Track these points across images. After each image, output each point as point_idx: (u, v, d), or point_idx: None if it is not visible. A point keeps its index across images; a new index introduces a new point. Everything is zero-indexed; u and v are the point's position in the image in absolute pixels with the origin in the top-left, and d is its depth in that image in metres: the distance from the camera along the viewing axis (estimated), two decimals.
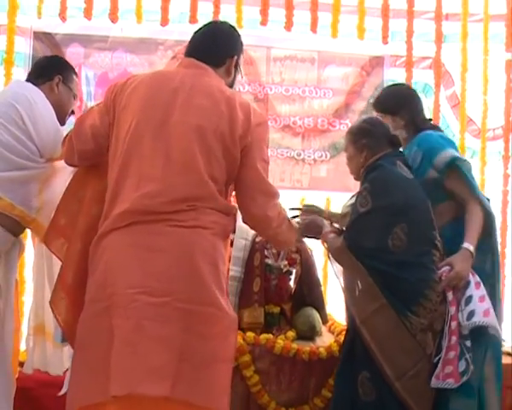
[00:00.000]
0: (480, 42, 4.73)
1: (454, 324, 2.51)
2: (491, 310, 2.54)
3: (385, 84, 4.79)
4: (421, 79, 4.83)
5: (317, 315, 3.37)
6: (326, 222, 2.92)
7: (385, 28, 4.66)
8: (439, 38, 4.71)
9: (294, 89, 4.76)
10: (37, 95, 2.55)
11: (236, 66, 2.33)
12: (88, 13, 4.40)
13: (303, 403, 3.13)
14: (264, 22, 4.54)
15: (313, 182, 4.73)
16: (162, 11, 4.43)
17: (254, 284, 3.32)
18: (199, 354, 1.97)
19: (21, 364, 3.14)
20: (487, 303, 2.54)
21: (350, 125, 4.64)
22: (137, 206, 2.01)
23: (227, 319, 2.07)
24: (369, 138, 2.73)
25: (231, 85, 2.31)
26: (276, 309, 3.38)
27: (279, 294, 3.40)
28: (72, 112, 2.82)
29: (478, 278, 2.60)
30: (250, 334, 3.18)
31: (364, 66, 4.81)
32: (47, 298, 2.48)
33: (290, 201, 3.48)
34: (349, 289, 2.67)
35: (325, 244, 2.85)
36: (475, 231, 2.65)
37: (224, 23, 2.44)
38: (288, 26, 4.56)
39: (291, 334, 3.28)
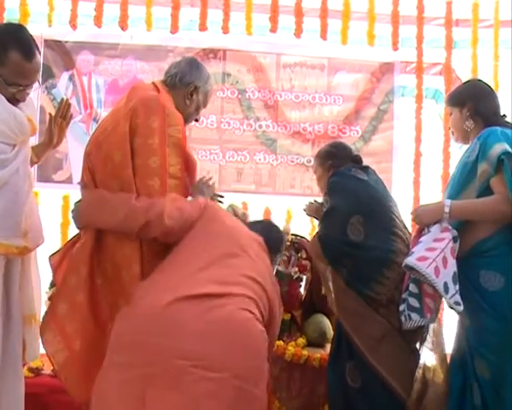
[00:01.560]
0: (490, 48, 4.71)
1: None
2: (434, 263, 2.46)
3: (395, 91, 4.79)
4: (432, 85, 4.82)
5: (327, 322, 3.36)
6: None
7: (395, 34, 4.66)
8: (450, 44, 4.71)
9: (304, 95, 4.75)
10: None
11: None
12: (98, 21, 4.43)
13: None
14: (273, 29, 4.55)
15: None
16: (172, 18, 4.46)
17: None
18: None
19: (31, 369, 3.15)
20: (433, 254, 2.48)
21: (360, 131, 4.69)
22: (193, 285, 2.04)
23: (263, 399, 2.06)
24: (334, 159, 3.03)
25: None
26: (287, 316, 3.37)
27: (289, 301, 3.39)
28: (18, 100, 2.34)
29: (445, 235, 2.53)
30: None
31: (374, 72, 4.80)
32: None
33: (300, 207, 3.46)
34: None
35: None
36: (474, 207, 2.55)
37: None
38: (298, 32, 4.56)
39: (301, 341, 3.27)
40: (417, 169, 4.63)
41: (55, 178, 4.45)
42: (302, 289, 3.50)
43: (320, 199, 3.15)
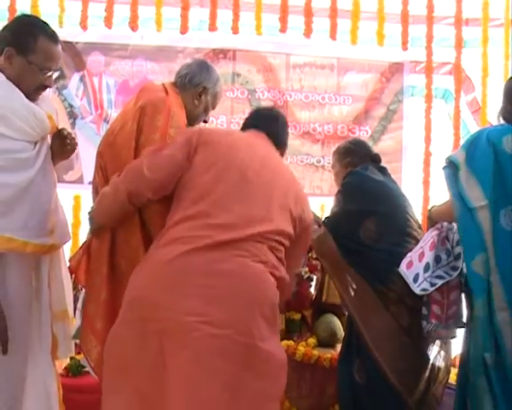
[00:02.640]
0: (501, 47, 4.69)
1: None
2: (408, 258, 2.62)
3: (404, 91, 4.78)
4: (442, 85, 4.81)
5: (337, 322, 3.36)
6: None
7: (404, 34, 4.65)
8: (459, 44, 4.69)
9: (314, 95, 4.76)
10: None
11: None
12: (108, 21, 4.45)
13: None
14: (283, 29, 4.55)
15: (333, 188, 4.66)
16: (182, 19, 4.47)
17: None
18: (252, 391, 1.94)
19: None
20: (421, 262, 2.60)
21: (370, 131, 4.68)
22: (205, 232, 2.02)
23: (279, 357, 2.04)
24: (352, 156, 3.03)
25: None
26: (297, 316, 3.38)
27: (300, 300, 3.40)
28: (47, 86, 2.34)
29: (432, 234, 2.65)
30: None
31: (384, 72, 4.80)
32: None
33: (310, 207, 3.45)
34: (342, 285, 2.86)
35: None
36: (442, 211, 2.65)
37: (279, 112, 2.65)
38: (308, 32, 4.57)
39: (312, 341, 3.27)
40: (427, 169, 4.62)
41: (66, 178, 4.47)
42: (312, 289, 3.50)
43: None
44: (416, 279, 2.57)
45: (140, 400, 1.96)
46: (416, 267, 2.59)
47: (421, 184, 4.60)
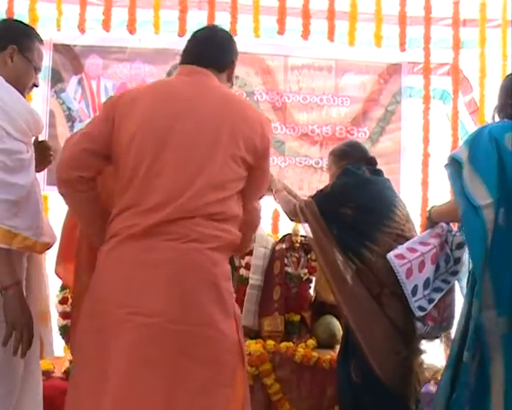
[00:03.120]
0: (498, 47, 4.70)
1: None
2: (408, 264, 2.56)
3: (402, 92, 4.79)
4: (439, 86, 4.82)
5: (337, 323, 3.36)
6: (277, 181, 3.21)
7: (402, 35, 4.66)
8: (457, 45, 4.71)
9: (312, 97, 4.76)
10: None
11: (233, 72, 2.24)
12: (106, 24, 4.45)
13: None
14: (281, 31, 4.56)
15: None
16: (180, 22, 4.48)
17: (274, 293, 3.32)
18: (195, 379, 1.82)
19: (42, 372, 3.16)
20: (412, 255, 2.57)
21: (368, 132, 4.69)
22: (134, 221, 1.91)
23: (226, 341, 1.89)
24: (348, 159, 3.01)
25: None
26: (297, 317, 3.38)
27: (299, 302, 3.40)
28: (34, 85, 2.41)
29: (432, 241, 2.63)
30: (270, 342, 3.19)
31: (382, 73, 4.80)
32: None
33: None
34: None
35: (277, 200, 3.15)
36: (444, 210, 2.63)
37: (222, 28, 2.36)
38: (305, 34, 4.58)
39: (311, 342, 3.28)
40: (425, 170, 4.63)
41: None
42: (312, 291, 3.51)
43: None
44: (414, 292, 2.53)
45: (90, 394, 1.89)
46: (416, 278, 2.55)
47: (420, 184, 4.60)
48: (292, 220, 3.09)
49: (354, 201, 2.83)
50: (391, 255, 2.60)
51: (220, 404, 1.87)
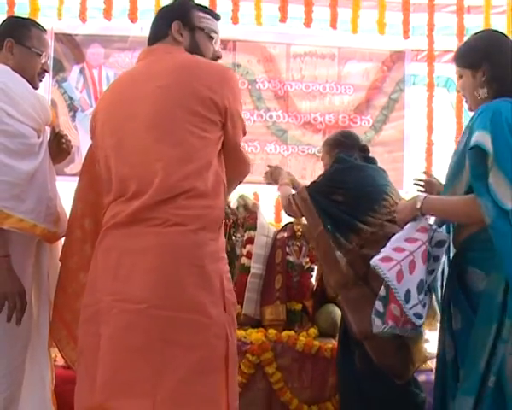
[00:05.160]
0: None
1: None
2: (397, 266, 2.19)
3: (406, 80, 4.76)
4: (444, 74, 4.78)
5: (338, 312, 3.33)
6: (286, 175, 3.23)
7: (405, 22, 4.62)
8: (461, 32, 4.66)
9: (315, 85, 4.74)
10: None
11: (191, 28, 2.11)
12: (107, 13, 4.44)
13: (325, 400, 3.12)
14: (283, 19, 4.53)
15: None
16: None
17: (276, 282, 3.31)
18: (183, 364, 1.80)
19: None
20: (399, 256, 2.22)
21: (371, 121, 4.67)
22: (119, 208, 1.92)
23: (214, 326, 1.85)
24: (341, 148, 3.03)
25: (198, 49, 2.10)
26: (298, 306, 3.37)
27: (301, 291, 3.39)
28: (45, 70, 2.50)
29: (420, 236, 2.24)
30: (272, 331, 3.17)
31: (385, 61, 4.78)
32: None
33: None
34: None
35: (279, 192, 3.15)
36: (445, 206, 2.23)
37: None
38: (308, 22, 4.54)
39: (313, 331, 3.27)
40: (429, 158, 4.60)
41: (67, 171, 4.46)
42: (313, 279, 3.50)
43: None
44: (407, 299, 2.19)
45: (87, 383, 1.91)
46: (408, 281, 2.20)
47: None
48: (288, 215, 3.08)
49: (344, 185, 2.83)
50: (376, 261, 2.27)
51: (212, 390, 1.85)
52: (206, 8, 2.20)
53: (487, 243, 2.03)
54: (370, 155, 3.12)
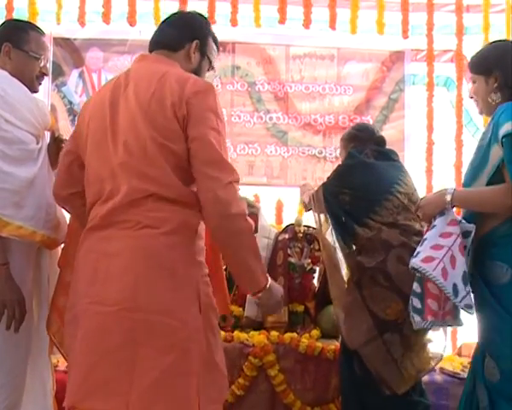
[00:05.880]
0: (503, 33, 4.63)
1: None
2: (441, 264, 2.21)
3: (406, 79, 4.75)
4: (443, 73, 4.77)
5: None
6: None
7: (405, 22, 4.61)
8: (461, 31, 4.65)
9: (314, 86, 4.73)
10: None
11: (203, 53, 2.13)
12: (106, 17, 4.43)
13: (328, 402, 3.12)
14: (282, 20, 4.52)
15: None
16: None
17: (278, 283, 3.29)
18: (156, 367, 1.79)
19: None
20: (439, 253, 2.23)
21: (371, 121, 4.67)
22: (95, 211, 1.96)
23: (186, 329, 1.83)
24: (356, 142, 3.05)
25: (197, 73, 2.08)
26: (300, 308, 3.37)
27: (303, 292, 3.39)
28: (44, 74, 2.49)
29: (453, 229, 2.27)
30: (274, 333, 3.17)
31: (385, 61, 4.77)
32: None
33: None
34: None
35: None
36: (478, 197, 2.28)
37: (189, 11, 2.33)
38: (307, 23, 4.53)
39: (315, 332, 3.26)
40: (430, 158, 4.59)
41: None
42: (315, 281, 3.49)
43: None
44: (456, 293, 2.20)
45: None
46: (453, 276, 2.21)
47: (424, 173, 4.57)
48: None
49: (350, 184, 2.85)
50: (418, 263, 2.26)
51: (185, 393, 1.83)
52: (216, 39, 2.21)
53: (509, 236, 2.19)
54: None
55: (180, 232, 1.87)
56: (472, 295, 2.22)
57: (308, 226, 3.52)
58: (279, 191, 4.57)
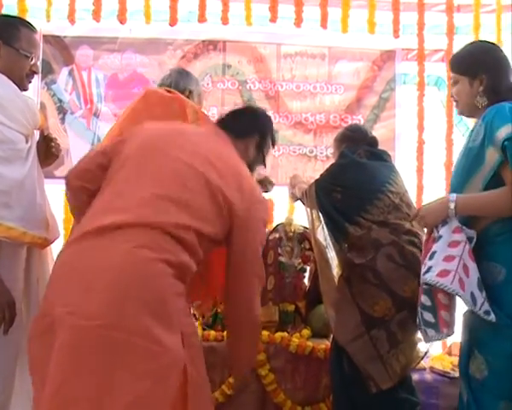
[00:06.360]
0: (493, 33, 4.65)
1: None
2: (457, 275, 2.16)
3: (397, 79, 4.76)
4: (434, 72, 4.77)
5: None
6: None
7: (396, 22, 4.61)
8: (451, 30, 4.66)
9: (305, 85, 4.72)
10: None
11: (260, 150, 2.33)
12: (96, 15, 4.40)
13: (319, 401, 3.12)
14: (273, 19, 4.51)
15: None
16: (171, 11, 4.42)
17: (268, 283, 3.30)
18: (130, 392, 1.71)
19: None
20: (453, 265, 2.17)
21: (362, 120, 4.66)
22: (93, 221, 1.90)
23: (168, 356, 1.77)
24: (349, 142, 3.06)
25: (250, 167, 2.26)
26: (291, 307, 3.36)
27: (293, 292, 3.38)
28: (34, 72, 2.46)
29: (459, 237, 2.22)
30: (265, 332, 3.17)
31: (376, 60, 4.76)
32: None
33: None
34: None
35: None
36: (483, 202, 2.21)
37: (258, 107, 2.61)
38: (298, 22, 4.53)
39: (306, 332, 3.26)
40: (420, 157, 4.60)
41: (57, 173, 4.40)
42: (306, 280, 3.49)
43: None
44: (474, 301, 2.15)
45: (36, 402, 1.86)
46: (469, 285, 2.16)
47: (415, 172, 4.58)
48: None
49: (342, 183, 2.86)
50: (434, 278, 2.18)
51: None
52: (274, 137, 2.45)
53: (501, 235, 2.19)
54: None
55: (178, 267, 1.87)
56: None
57: (304, 227, 3.49)
58: None
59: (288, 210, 4.08)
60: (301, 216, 3.43)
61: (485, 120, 2.24)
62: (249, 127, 2.30)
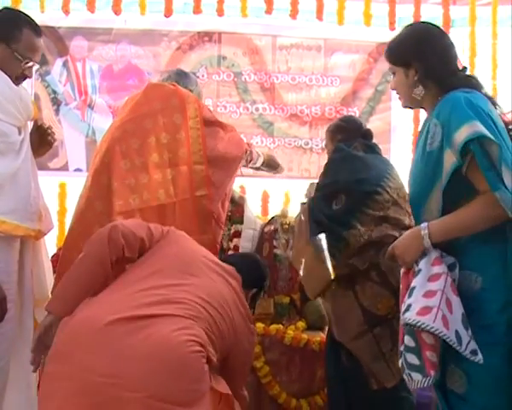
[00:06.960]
0: (489, 26, 4.65)
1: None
2: (439, 312, 1.92)
3: None
4: None
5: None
6: None
7: (392, 14, 4.60)
8: (447, 23, 4.64)
9: (301, 77, 4.71)
10: None
11: (254, 301, 2.52)
12: (91, 5, 4.37)
13: (314, 394, 3.13)
14: (269, 10, 4.49)
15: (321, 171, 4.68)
16: (166, 2, 4.39)
17: None
18: None
19: None
20: (434, 301, 1.94)
21: (358, 112, 4.66)
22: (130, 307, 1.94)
23: None
24: (343, 134, 3.01)
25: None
26: (286, 299, 3.36)
27: (288, 284, 3.38)
28: (25, 76, 2.41)
29: (439, 269, 1.99)
30: (260, 325, 3.16)
31: (372, 52, 4.76)
32: None
33: (298, 190, 3.44)
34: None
35: None
36: (461, 222, 1.97)
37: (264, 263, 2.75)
38: (294, 13, 4.51)
39: (301, 324, 3.26)
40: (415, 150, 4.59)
41: (51, 165, 4.42)
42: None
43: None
44: (460, 341, 1.92)
45: None
46: (453, 322, 1.94)
47: (410, 164, 4.57)
48: None
49: (341, 179, 2.77)
50: (415, 317, 1.94)
51: None
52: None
53: (473, 241, 1.98)
54: None
55: (202, 349, 1.94)
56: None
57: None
58: (265, 182, 4.54)
59: (283, 202, 4.10)
60: (296, 208, 3.43)
61: (440, 119, 2.01)
62: (256, 282, 2.50)
